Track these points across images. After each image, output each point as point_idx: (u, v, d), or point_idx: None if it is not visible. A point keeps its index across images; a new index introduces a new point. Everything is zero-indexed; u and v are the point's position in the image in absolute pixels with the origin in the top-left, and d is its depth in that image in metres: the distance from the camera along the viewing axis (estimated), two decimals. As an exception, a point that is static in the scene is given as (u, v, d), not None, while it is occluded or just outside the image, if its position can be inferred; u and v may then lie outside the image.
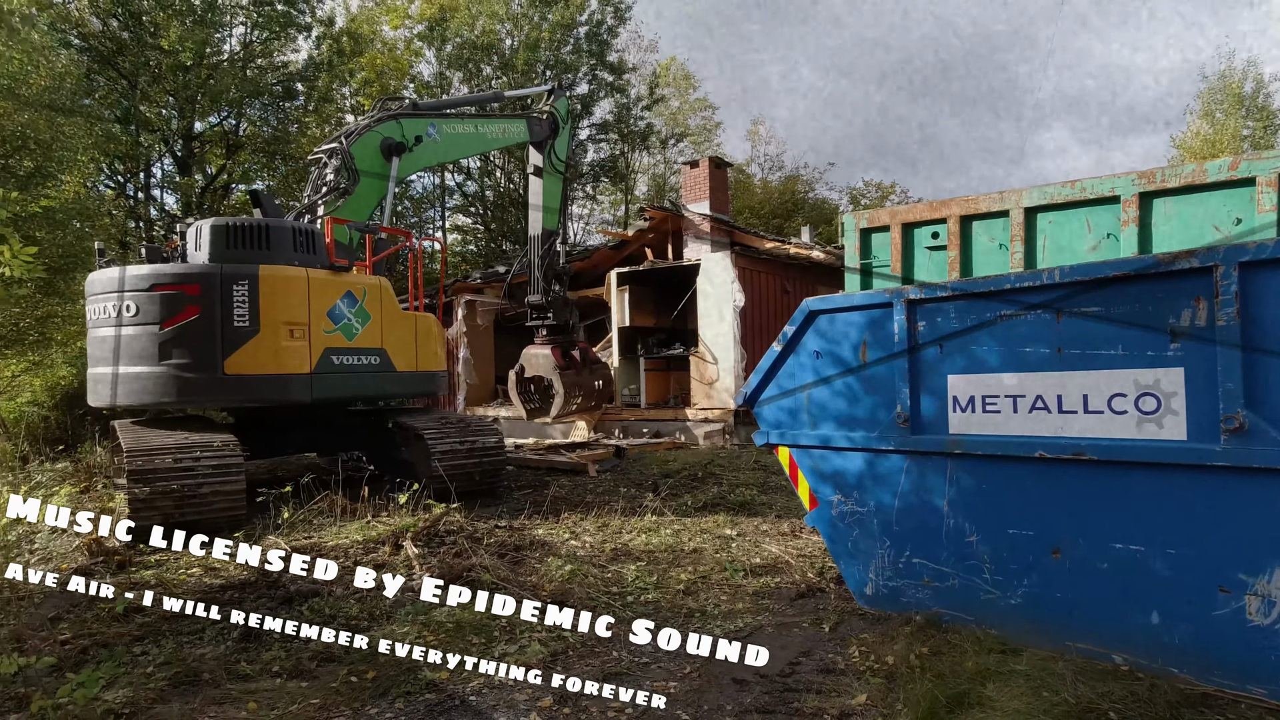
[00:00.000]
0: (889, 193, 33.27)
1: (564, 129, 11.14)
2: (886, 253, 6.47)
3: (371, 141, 8.79)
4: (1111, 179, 5.37)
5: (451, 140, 9.77)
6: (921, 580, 4.07)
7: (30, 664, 3.61)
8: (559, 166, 11.13)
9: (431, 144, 9.43)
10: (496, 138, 10.49)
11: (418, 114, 9.45)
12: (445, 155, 10.44)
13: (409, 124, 9.14)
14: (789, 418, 4.59)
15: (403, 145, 8.93)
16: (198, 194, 21.52)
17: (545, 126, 10.84)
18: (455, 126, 9.80)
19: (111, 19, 19.88)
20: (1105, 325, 3.43)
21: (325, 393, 7.32)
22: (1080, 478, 3.50)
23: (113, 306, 6.95)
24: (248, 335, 6.82)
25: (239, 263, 6.98)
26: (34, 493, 7.85)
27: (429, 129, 9.35)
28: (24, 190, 10.65)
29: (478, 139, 10.26)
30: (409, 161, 9.22)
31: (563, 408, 10.67)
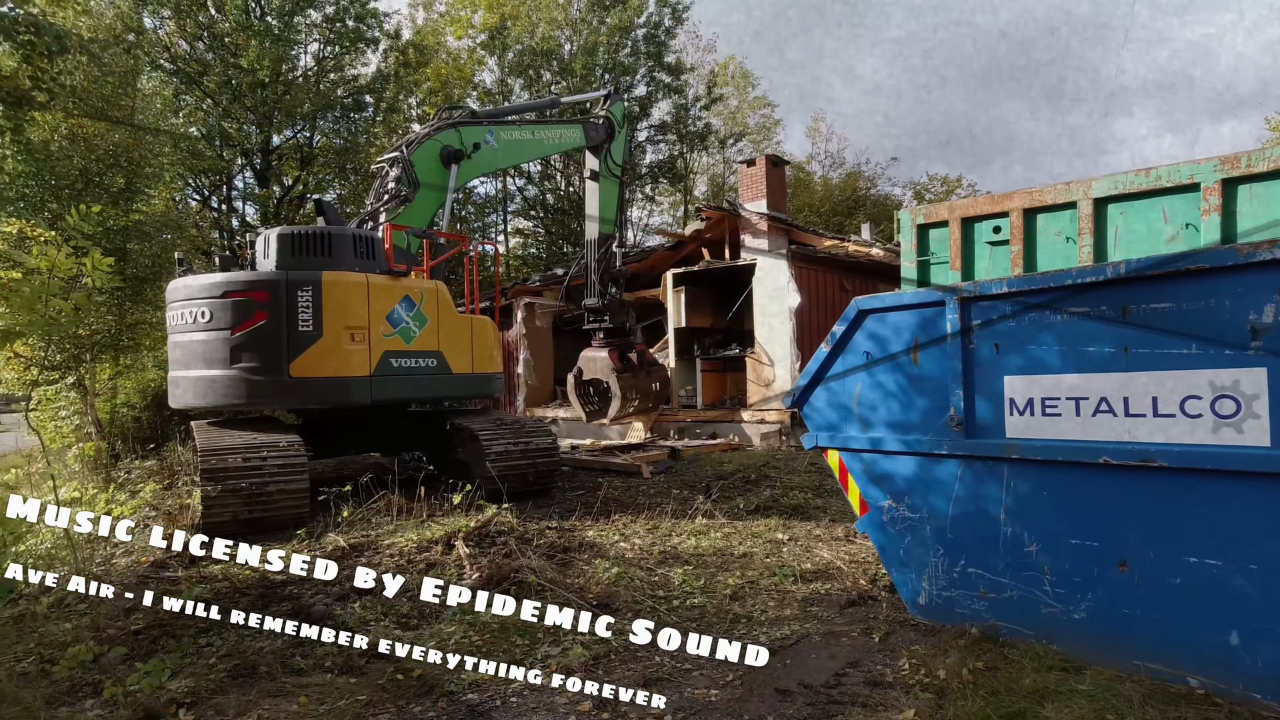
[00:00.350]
0: (955, 186, 32.15)
1: (620, 133, 11.17)
2: (945, 249, 6.23)
3: (431, 150, 9.00)
4: (1190, 165, 5.02)
5: (509, 147, 9.94)
6: (977, 591, 3.89)
7: (105, 652, 3.83)
8: (615, 171, 11.16)
9: (490, 151, 9.61)
10: (553, 143, 10.60)
11: (476, 122, 9.64)
12: (503, 161, 10.55)
13: (468, 132, 9.33)
14: (838, 420, 4.46)
15: (461, 153, 9.12)
16: (275, 204, 22.58)
17: (601, 131, 10.92)
18: (513, 133, 9.96)
19: (198, 42, 21.07)
20: (1177, 322, 3.20)
21: (384, 394, 7.51)
22: (1149, 486, 3.27)
23: (189, 313, 7.33)
24: (311, 339, 7.08)
25: (303, 269, 7.26)
26: (123, 488, 8.38)
27: (487, 136, 9.52)
28: (116, 205, 11.38)
29: (535, 145, 10.38)
30: (468, 168, 9.40)
31: (620, 410, 10.71)
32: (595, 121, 10.94)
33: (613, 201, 11.25)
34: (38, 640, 4.05)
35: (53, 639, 4.05)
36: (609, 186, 11.14)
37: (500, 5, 28.72)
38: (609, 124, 11.06)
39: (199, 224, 20.58)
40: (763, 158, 14.08)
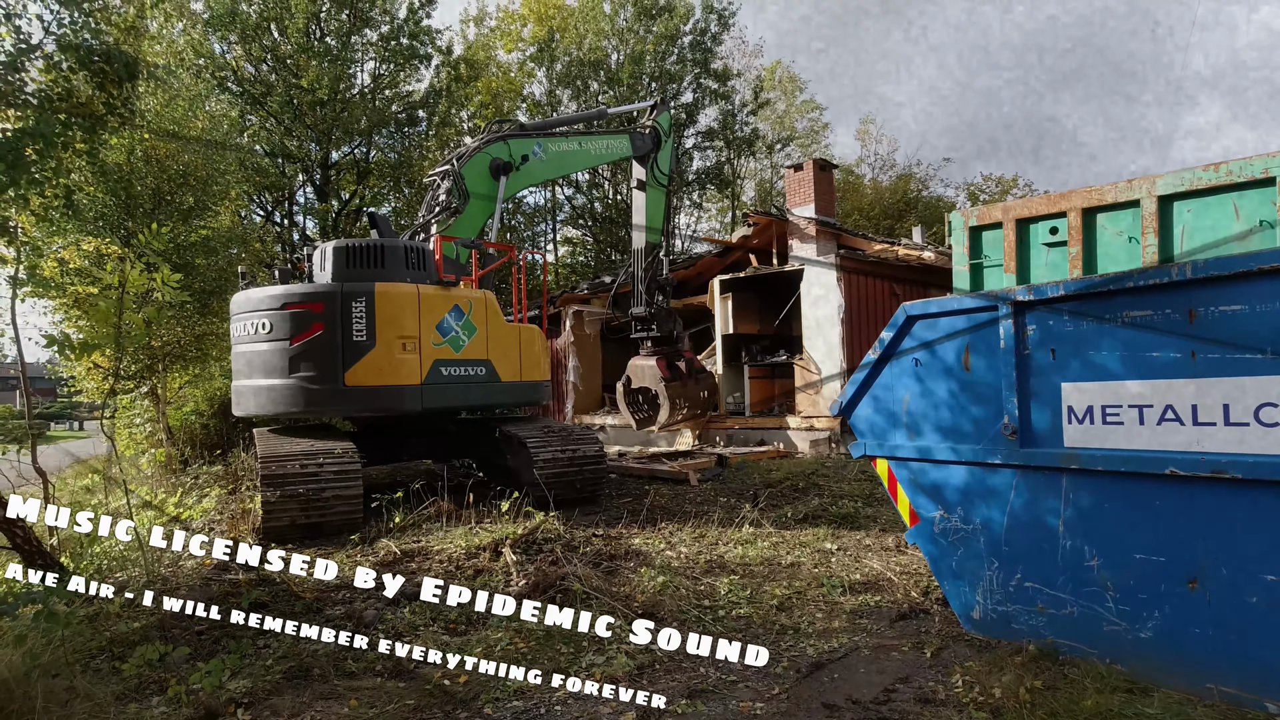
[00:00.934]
0: (1010, 186, 31.19)
1: (666, 142, 11.18)
2: (999, 251, 6.04)
3: (481, 162, 9.17)
4: (1265, 159, 4.75)
5: (557, 158, 10.07)
6: (1035, 606, 3.74)
7: (170, 652, 4.00)
8: (662, 180, 11.18)
9: (538, 162, 9.76)
10: (600, 153, 10.71)
11: (524, 134, 9.80)
12: (551, 172, 10.62)
13: (516, 144, 9.48)
14: (887, 428, 4.36)
15: (510, 165, 9.27)
16: (333, 218, 23.36)
17: (648, 140, 10.95)
18: (560, 144, 10.07)
19: (262, 65, 22.01)
20: (1250, 325, 3.02)
21: (434, 402, 7.65)
22: (1221, 498, 3.09)
23: (251, 324, 7.62)
24: (365, 349, 7.26)
25: (357, 281, 7.46)
26: (190, 493, 8.75)
27: (535, 148, 9.68)
28: (185, 222, 11.95)
29: (582, 155, 10.49)
30: (516, 180, 9.55)
31: (669, 418, 10.69)
32: (642, 131, 10.98)
33: (660, 211, 11.25)
34: (109, 639, 4.25)
35: (123, 637, 4.25)
36: (656, 195, 11.15)
37: (549, 18, 29.17)
38: (655, 133, 11.08)
39: (262, 238, 21.46)
40: (810, 162, 13.92)
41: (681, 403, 10.74)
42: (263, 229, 22.50)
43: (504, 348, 8.34)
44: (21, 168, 4.28)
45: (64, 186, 5.24)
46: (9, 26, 4.64)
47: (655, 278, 10.99)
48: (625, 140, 10.83)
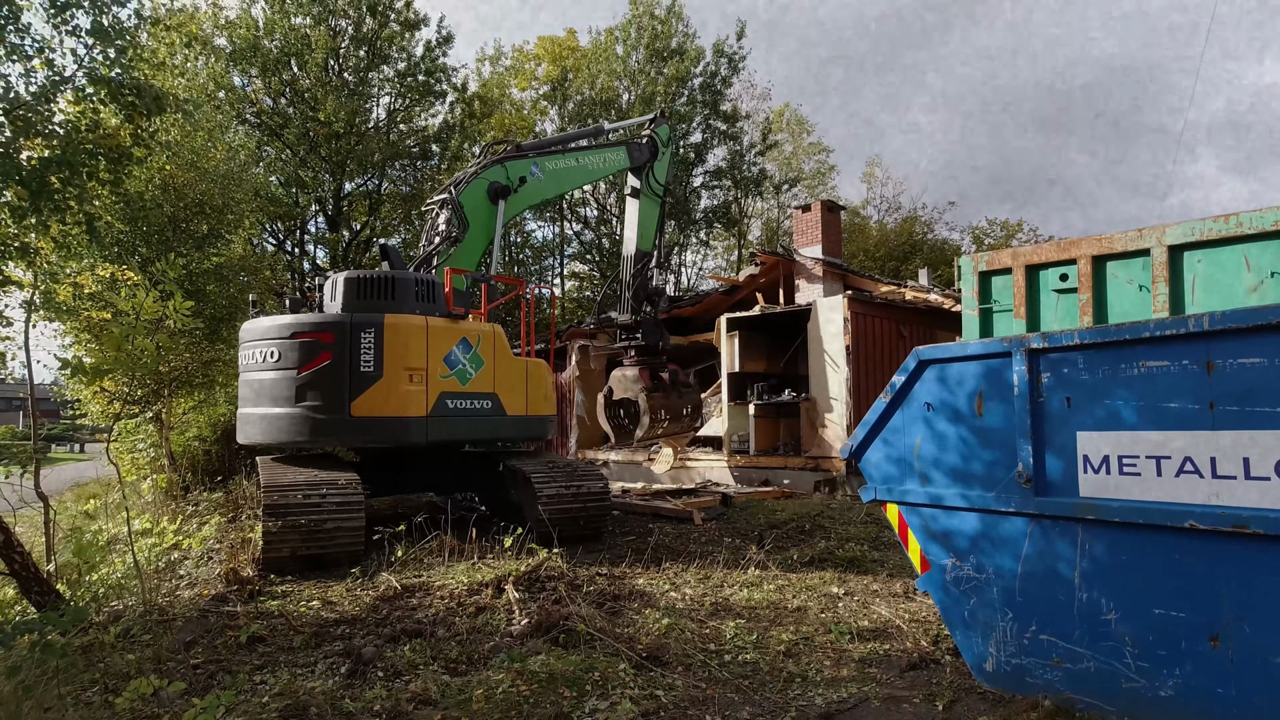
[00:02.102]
0: (1015, 231, 31.44)
1: (664, 153, 11.19)
2: (1008, 296, 6.06)
3: (479, 189, 9.18)
4: (1275, 211, 4.79)
5: (554, 176, 10.06)
6: (1050, 659, 3.65)
7: (164, 686, 3.92)
8: (657, 190, 11.14)
9: (536, 182, 9.75)
10: (598, 168, 10.70)
11: (521, 155, 9.75)
12: (550, 191, 10.53)
13: (513, 166, 9.47)
14: (897, 473, 4.31)
15: (508, 188, 9.27)
16: (344, 248, 23.61)
17: (645, 151, 10.97)
18: (557, 162, 10.07)
19: (280, 98, 22.48)
20: (1269, 379, 3.00)
21: (440, 435, 7.62)
22: (1243, 554, 3.03)
23: (260, 352, 7.64)
24: (372, 379, 7.25)
25: (368, 312, 7.49)
26: (190, 520, 8.68)
27: (532, 168, 9.66)
28: (199, 250, 12.08)
29: (580, 171, 10.47)
30: (515, 202, 9.53)
31: (648, 431, 10.42)
32: (639, 142, 11.01)
33: (652, 220, 11.17)
34: (103, 670, 4.17)
35: (117, 670, 4.17)
36: (649, 205, 11.08)
37: (563, 59, 29.85)
38: (653, 144, 11.07)
39: (273, 267, 21.67)
40: (818, 203, 14.07)
41: (663, 414, 10.50)
42: (274, 258, 22.72)
43: (511, 381, 8.32)
44: (46, 194, 4.35)
45: (85, 214, 5.31)
46: (42, 59, 4.76)
47: (643, 287, 10.82)
48: (622, 152, 10.85)
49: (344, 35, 22.73)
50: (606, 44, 28.55)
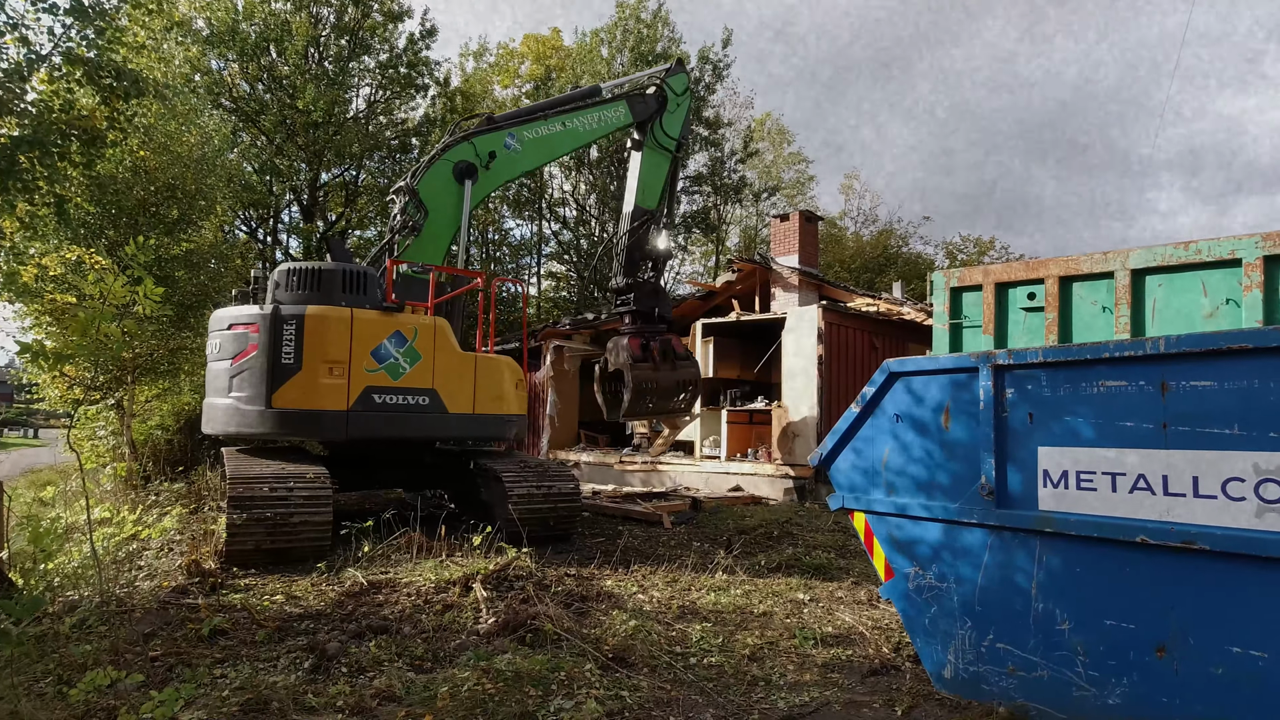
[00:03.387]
0: (987, 248, 32.09)
1: (680, 104, 9.90)
2: (978, 313, 6.20)
3: (442, 171, 8.46)
4: (1232, 240, 4.97)
5: (536, 145, 9.15)
6: (1006, 668, 3.75)
7: (121, 678, 3.85)
8: (665, 142, 9.84)
9: (511, 156, 8.91)
10: (591, 129, 9.57)
11: (493, 128, 8.89)
12: (530, 163, 9.41)
13: (483, 141, 8.69)
14: (865, 482, 4.40)
15: (474, 167, 8.52)
16: (317, 239, 23.28)
17: (651, 102, 9.72)
18: (538, 129, 9.11)
19: (258, 84, 22.12)
20: (1219, 401, 3.13)
21: (363, 431, 7.37)
22: (1189, 569, 3.16)
23: (212, 343, 7.81)
24: (292, 371, 7.19)
25: (296, 304, 7.43)
26: (151, 510, 8.51)
27: (506, 140, 8.85)
28: (169, 235, 11.85)
29: (568, 136, 9.38)
30: (487, 180, 8.76)
31: (631, 406, 9.33)
32: (643, 94, 9.71)
33: (659, 175, 9.84)
34: (57, 661, 4.08)
35: (72, 661, 4.09)
36: (654, 158, 9.79)
37: (547, 58, 29.80)
38: (660, 95, 9.75)
39: (244, 255, 21.30)
40: (796, 212, 14.23)
41: (651, 388, 9.30)
42: (246, 246, 22.32)
43: (455, 378, 7.88)
44: (14, 174, 4.25)
45: (55, 196, 5.20)
46: (13, 36, 4.65)
47: (641, 246, 9.60)
48: (622, 107, 9.62)
49: (325, 23, 22.46)
50: (592, 45, 28.56)
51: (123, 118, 5.05)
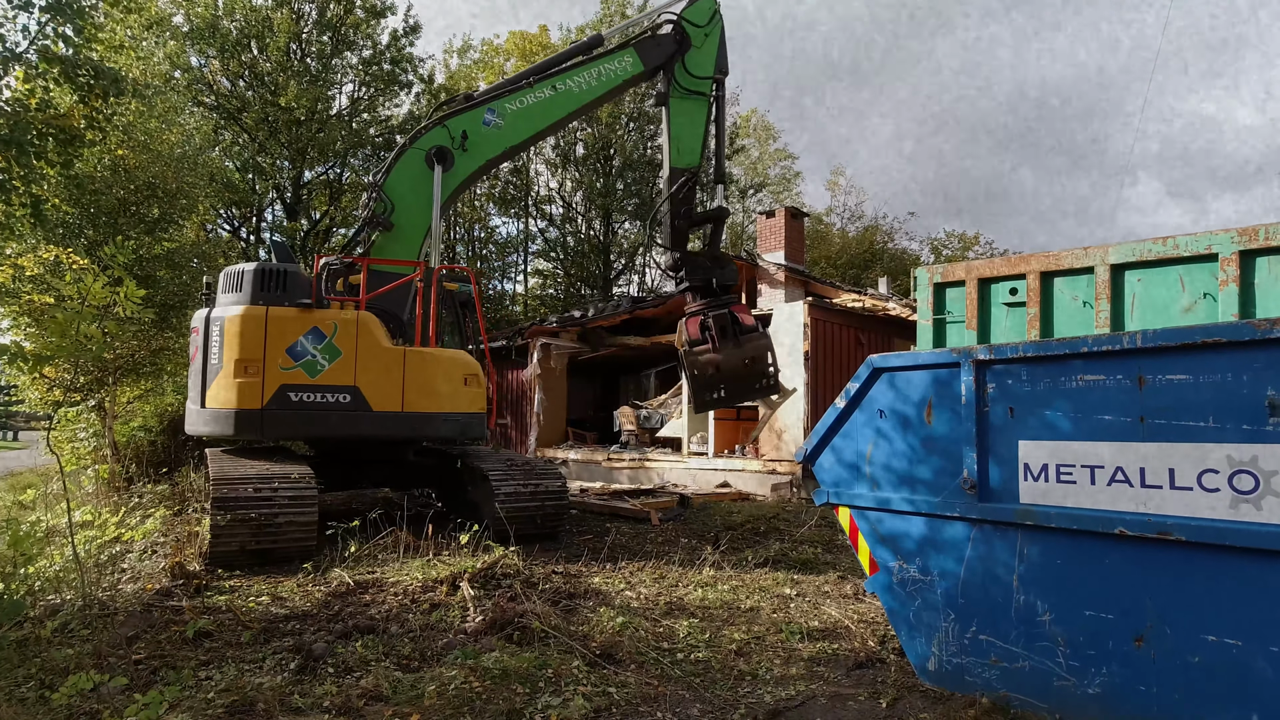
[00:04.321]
0: (972, 244, 32.34)
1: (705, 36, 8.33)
2: (961, 308, 6.26)
3: (414, 162, 7.96)
4: (1208, 235, 5.05)
5: (520, 117, 8.20)
6: (989, 659, 3.80)
7: (105, 681, 3.82)
8: (695, 85, 8.25)
9: (491, 132, 8.10)
10: (591, 87, 8.32)
11: (470, 105, 8.18)
12: (515, 136, 8.34)
13: (456, 122, 8.02)
14: (849, 477, 4.43)
15: (447, 151, 7.91)
16: (302, 237, 23.11)
17: (667, 43, 8.25)
18: (523, 99, 8.16)
19: (239, 80, 21.91)
20: (1194, 395, 3.18)
21: (279, 430, 7.34)
22: (1166, 559, 3.21)
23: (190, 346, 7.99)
24: (216, 372, 7.36)
25: (224, 306, 7.56)
26: (134, 512, 8.43)
27: (486, 115, 8.07)
28: (150, 234, 11.72)
29: (562, 100, 8.26)
30: (464, 162, 8.06)
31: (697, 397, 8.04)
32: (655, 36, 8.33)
33: (695, 125, 8.33)
34: (39, 665, 4.05)
35: (54, 665, 4.05)
36: (684, 106, 8.28)
37: (532, 54, 29.67)
38: (679, 32, 8.18)
39: (227, 254, 21.10)
40: (782, 209, 14.29)
41: (714, 374, 7.83)
42: (229, 245, 22.12)
43: (381, 375, 7.52)
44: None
45: (32, 196, 5.13)
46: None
47: (690, 213, 8.35)
48: (630, 56, 8.28)
49: (307, 19, 22.28)
50: (577, 41, 28.50)
51: (101, 117, 4.98)
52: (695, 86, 8.28)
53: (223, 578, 6.04)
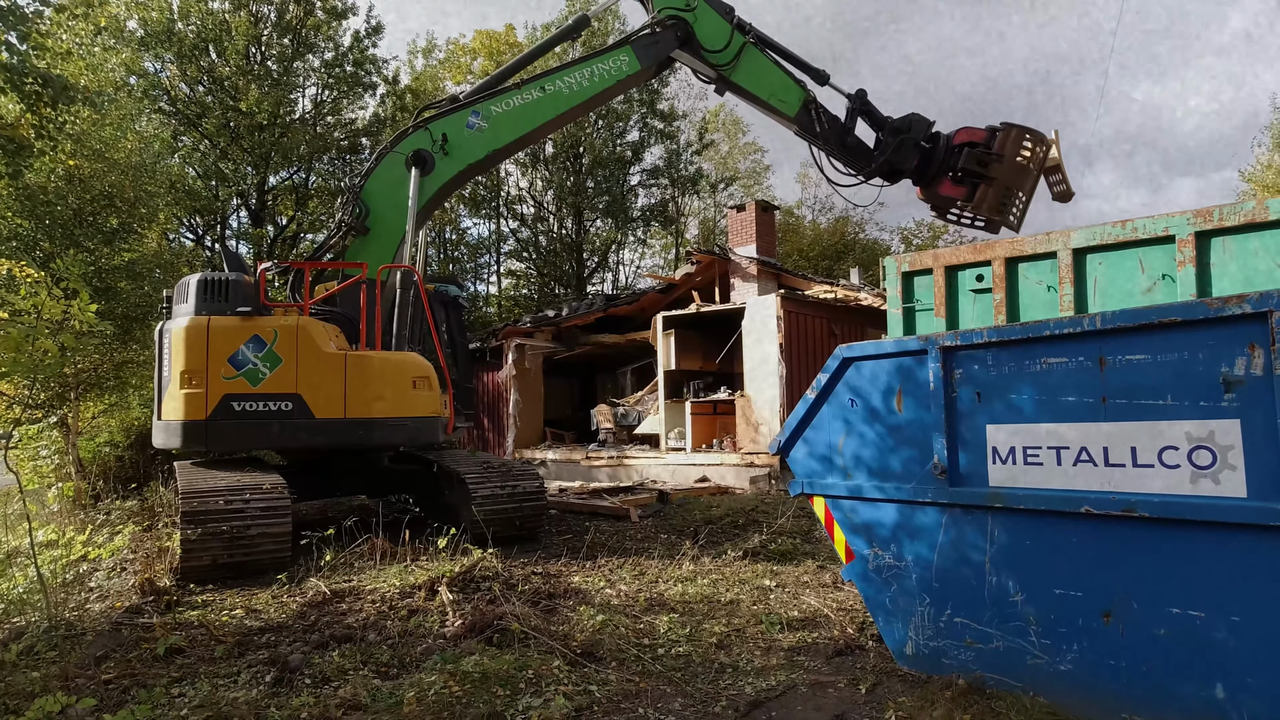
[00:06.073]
0: (941, 233, 32.71)
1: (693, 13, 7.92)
2: (930, 296, 6.32)
3: (393, 166, 7.82)
4: (1165, 218, 5.15)
5: (506, 120, 7.93)
6: (964, 641, 3.86)
7: (72, 703, 3.73)
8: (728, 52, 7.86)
9: (473, 136, 7.88)
10: (582, 88, 8.00)
11: (455, 108, 8.00)
12: (498, 141, 8.04)
13: (439, 125, 7.86)
14: (823, 467, 4.47)
15: (427, 155, 7.75)
16: (268, 244, 22.71)
17: (667, 37, 7.85)
18: (511, 101, 7.92)
19: (198, 85, 21.44)
20: (1153, 373, 3.25)
21: (224, 441, 7.26)
22: (1130, 536, 3.28)
23: None
24: (166, 384, 7.34)
25: (175, 318, 7.47)
26: (101, 530, 8.23)
27: (470, 118, 7.86)
28: (109, 244, 11.43)
29: (550, 101, 7.97)
30: (445, 165, 7.87)
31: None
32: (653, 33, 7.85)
33: (767, 73, 7.90)
34: (3, 690, 3.93)
35: (19, 689, 3.94)
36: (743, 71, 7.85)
37: (499, 53, 29.44)
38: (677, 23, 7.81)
39: (191, 263, 20.66)
40: (752, 203, 14.35)
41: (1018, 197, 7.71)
42: (192, 254, 21.66)
43: (322, 381, 7.30)
44: (-68, 185, 4.05)
45: (-21, 207, 4.97)
46: (-74, 38, 4.43)
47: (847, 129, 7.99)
48: (624, 55, 7.93)
49: (266, 22, 21.86)
50: (543, 39, 28.31)
51: (51, 125, 4.83)
52: (729, 51, 7.91)
53: (194, 592, 5.93)
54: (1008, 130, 7.82)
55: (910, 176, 8.05)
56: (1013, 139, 7.77)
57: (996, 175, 7.67)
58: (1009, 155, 7.70)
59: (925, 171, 7.92)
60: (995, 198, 7.73)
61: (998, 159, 7.68)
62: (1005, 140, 7.76)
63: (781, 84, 8.01)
